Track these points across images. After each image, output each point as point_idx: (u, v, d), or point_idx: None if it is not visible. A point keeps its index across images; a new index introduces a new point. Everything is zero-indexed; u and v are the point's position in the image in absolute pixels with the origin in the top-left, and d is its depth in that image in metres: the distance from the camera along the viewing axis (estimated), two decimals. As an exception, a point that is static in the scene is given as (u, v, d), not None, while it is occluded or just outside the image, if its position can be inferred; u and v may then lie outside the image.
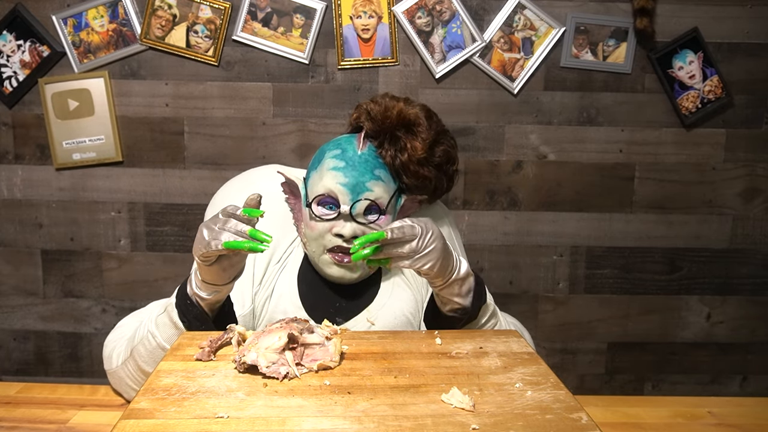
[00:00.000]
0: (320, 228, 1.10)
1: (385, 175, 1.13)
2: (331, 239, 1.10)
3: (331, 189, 1.09)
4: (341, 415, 0.70)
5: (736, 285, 1.83)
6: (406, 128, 1.13)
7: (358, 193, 1.09)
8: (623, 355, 1.85)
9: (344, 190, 1.09)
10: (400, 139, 1.12)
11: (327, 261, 1.12)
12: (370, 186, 1.10)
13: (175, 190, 1.77)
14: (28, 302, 1.81)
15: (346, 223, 1.09)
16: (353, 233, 1.08)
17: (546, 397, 0.76)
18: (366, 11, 1.68)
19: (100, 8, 1.68)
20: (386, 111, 1.15)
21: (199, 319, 1.00)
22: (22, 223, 1.78)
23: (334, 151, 1.13)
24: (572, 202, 1.79)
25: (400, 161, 1.12)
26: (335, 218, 1.09)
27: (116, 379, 1.11)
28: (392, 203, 1.14)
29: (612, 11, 1.71)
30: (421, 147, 1.12)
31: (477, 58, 1.71)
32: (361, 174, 1.10)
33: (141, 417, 0.69)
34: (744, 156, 1.78)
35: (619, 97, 1.75)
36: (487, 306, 1.06)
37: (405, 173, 1.13)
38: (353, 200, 1.09)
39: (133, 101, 1.73)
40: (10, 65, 1.71)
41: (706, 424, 1.09)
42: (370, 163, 1.11)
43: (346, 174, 1.10)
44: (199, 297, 0.99)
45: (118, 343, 1.11)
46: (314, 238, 1.11)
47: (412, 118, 1.14)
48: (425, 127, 1.14)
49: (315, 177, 1.13)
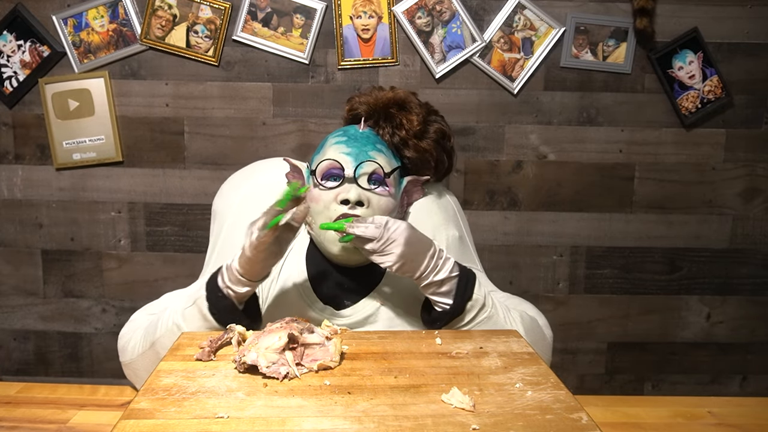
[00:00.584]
0: (325, 197, 1.11)
1: (387, 150, 1.17)
2: (336, 208, 1.10)
3: (335, 158, 1.12)
4: (341, 415, 0.70)
5: (736, 285, 1.83)
6: (399, 106, 1.20)
7: (361, 160, 1.12)
8: (623, 355, 1.86)
9: (348, 159, 1.12)
10: (395, 116, 1.19)
11: (333, 238, 1.12)
12: (373, 155, 1.14)
13: (175, 190, 1.77)
14: (28, 302, 1.81)
15: (351, 186, 1.10)
16: (358, 198, 1.09)
17: (546, 397, 0.76)
18: (366, 11, 1.68)
19: (100, 8, 1.68)
20: (377, 94, 1.22)
21: (230, 311, 1.02)
22: (22, 223, 1.78)
23: (336, 133, 1.18)
24: (572, 202, 1.79)
25: (399, 137, 1.18)
26: (340, 184, 1.11)
27: (131, 371, 1.13)
28: (395, 176, 1.17)
29: (612, 11, 1.71)
30: (417, 120, 1.18)
31: (477, 58, 1.71)
32: (363, 145, 1.14)
33: (141, 417, 0.69)
34: (744, 156, 1.78)
35: (619, 97, 1.75)
36: (474, 302, 1.06)
37: (405, 147, 1.19)
38: (356, 163, 1.11)
39: (133, 101, 1.73)
40: (11, 65, 1.71)
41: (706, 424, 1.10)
42: (371, 138, 1.17)
43: (349, 145, 1.14)
44: (232, 291, 1.01)
45: (134, 335, 1.12)
46: (320, 210, 1.12)
47: (402, 97, 1.21)
48: (416, 104, 1.21)
49: (318, 156, 1.17)
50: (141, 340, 1.10)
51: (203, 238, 1.76)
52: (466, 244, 1.27)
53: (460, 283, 1.05)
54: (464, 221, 1.32)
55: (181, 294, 1.17)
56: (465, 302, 1.05)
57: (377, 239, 1.02)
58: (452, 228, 1.25)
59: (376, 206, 1.11)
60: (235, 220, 1.23)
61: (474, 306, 1.06)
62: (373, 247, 1.02)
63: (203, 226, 1.77)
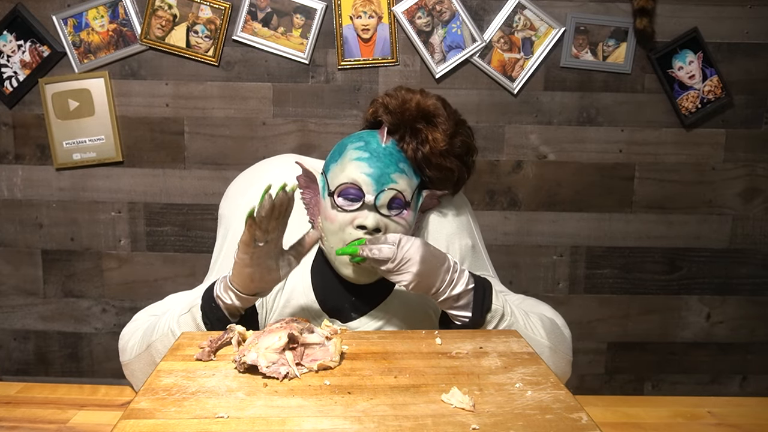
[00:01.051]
0: (341, 219, 1.07)
1: (408, 169, 1.10)
2: (351, 232, 1.06)
3: (355, 179, 1.06)
4: (341, 415, 0.70)
5: (735, 285, 1.83)
6: (426, 120, 1.11)
7: (383, 183, 1.06)
8: (623, 355, 1.85)
9: (369, 180, 1.06)
10: (421, 131, 1.10)
11: (345, 260, 1.09)
12: (395, 178, 1.07)
13: (175, 190, 1.77)
14: (28, 302, 1.81)
15: (369, 213, 1.06)
16: (376, 225, 1.05)
17: (546, 397, 0.76)
18: (366, 11, 1.68)
19: (100, 8, 1.68)
20: (404, 103, 1.12)
21: (222, 322, 1.00)
22: (23, 223, 1.78)
23: (357, 143, 1.10)
24: (572, 202, 1.79)
25: (423, 154, 1.10)
26: (358, 209, 1.06)
27: (129, 372, 1.12)
28: (414, 198, 1.12)
29: (612, 11, 1.71)
30: (442, 138, 1.10)
31: (477, 58, 1.71)
32: (386, 165, 1.07)
33: (141, 417, 0.69)
34: (744, 156, 1.78)
35: (619, 97, 1.75)
36: (494, 312, 1.05)
37: (428, 166, 1.11)
38: (378, 190, 1.06)
39: (133, 101, 1.73)
40: (11, 65, 1.71)
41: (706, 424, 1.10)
42: (394, 155, 1.09)
43: (371, 164, 1.07)
44: (222, 301, 1.00)
45: (134, 335, 1.11)
46: (334, 231, 1.08)
47: (431, 109, 1.12)
48: (445, 118, 1.12)
49: (336, 168, 1.10)
50: (139, 341, 1.09)
51: (203, 238, 1.76)
52: (478, 251, 1.23)
53: (476, 295, 1.03)
54: (476, 226, 1.27)
55: (183, 297, 1.17)
56: (484, 314, 1.03)
57: (392, 260, 1.00)
58: (465, 237, 1.21)
59: (393, 231, 1.08)
60: (239, 226, 1.20)
61: (494, 317, 1.04)
62: (388, 267, 1.00)
63: (203, 226, 1.77)
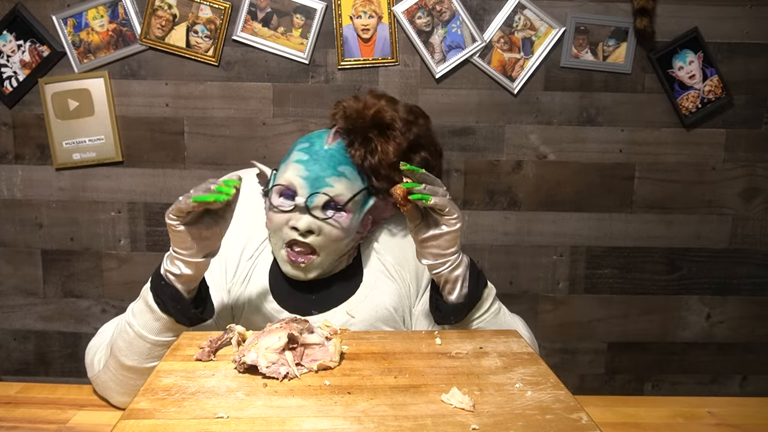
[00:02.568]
0: (277, 220, 1.09)
1: (351, 172, 1.10)
2: (287, 232, 1.09)
3: (291, 181, 1.09)
4: (341, 415, 0.70)
5: (736, 285, 1.83)
6: (380, 130, 1.11)
7: (316, 187, 1.08)
8: (623, 355, 1.86)
9: (303, 183, 1.08)
10: (372, 140, 1.10)
11: (283, 257, 1.11)
12: (330, 182, 1.08)
13: (175, 190, 1.77)
14: (28, 302, 1.81)
15: (302, 216, 1.07)
16: (308, 227, 1.07)
17: (546, 397, 0.76)
18: (366, 11, 1.68)
19: (100, 8, 1.68)
20: (363, 109, 1.12)
21: (175, 299, 0.97)
22: (22, 223, 1.78)
23: (303, 144, 1.12)
24: (572, 202, 1.79)
25: (370, 163, 1.10)
26: (291, 210, 1.08)
27: (99, 384, 1.09)
28: (356, 201, 1.11)
29: (612, 11, 1.71)
30: (393, 151, 1.09)
31: (477, 58, 1.71)
32: (322, 168, 1.08)
33: (141, 417, 0.69)
34: (744, 156, 1.78)
35: (619, 97, 1.75)
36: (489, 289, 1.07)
37: (375, 176, 1.11)
38: (309, 193, 1.08)
39: (133, 101, 1.73)
40: (10, 65, 1.71)
41: (706, 424, 1.10)
42: (335, 158, 1.09)
43: (308, 167, 1.08)
44: (171, 273, 0.97)
45: (99, 348, 1.09)
46: (273, 230, 1.11)
47: (387, 120, 1.11)
48: (400, 132, 1.11)
49: (282, 169, 1.13)
50: (105, 350, 1.07)
51: (203, 238, 1.76)
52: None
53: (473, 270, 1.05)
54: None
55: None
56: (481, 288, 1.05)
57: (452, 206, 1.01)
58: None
59: (328, 235, 1.09)
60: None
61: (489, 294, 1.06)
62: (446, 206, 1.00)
63: (203, 226, 1.77)
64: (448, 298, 1.04)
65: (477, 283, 1.04)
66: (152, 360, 1.00)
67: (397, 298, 1.17)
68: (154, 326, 0.98)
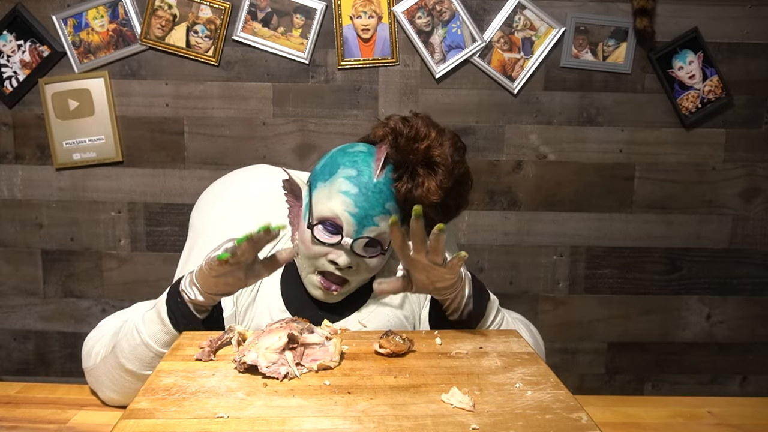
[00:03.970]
0: (316, 250, 1.07)
1: (394, 208, 1.07)
2: (324, 263, 1.07)
3: (338, 215, 1.05)
4: (341, 415, 0.70)
5: (736, 285, 1.83)
6: (428, 166, 1.07)
7: (364, 226, 1.05)
8: (623, 355, 1.86)
9: (351, 221, 1.04)
10: (420, 176, 1.06)
11: (314, 283, 1.09)
12: (378, 221, 1.05)
13: (175, 190, 1.77)
14: (28, 302, 1.81)
15: (343, 253, 1.05)
16: (348, 265, 1.05)
17: (546, 397, 0.76)
18: (366, 11, 1.68)
19: (100, 8, 1.68)
20: (415, 140, 1.07)
21: (187, 318, 0.97)
22: (22, 223, 1.78)
23: (349, 170, 1.06)
24: (572, 202, 1.79)
25: (413, 197, 1.06)
26: (334, 245, 1.06)
27: (93, 378, 1.09)
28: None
29: (612, 11, 1.71)
30: (436, 190, 1.06)
31: (477, 58, 1.71)
32: (372, 207, 1.05)
33: (141, 417, 0.69)
34: (744, 156, 1.78)
35: (619, 97, 1.75)
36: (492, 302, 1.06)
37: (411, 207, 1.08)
38: (357, 234, 1.05)
39: (133, 101, 1.73)
40: (11, 65, 1.71)
41: (706, 424, 1.09)
42: (383, 194, 1.06)
43: (357, 203, 1.04)
44: (186, 295, 0.97)
45: (99, 341, 1.09)
46: (308, 256, 1.09)
47: (438, 159, 1.06)
48: (447, 171, 1.07)
49: (323, 192, 1.07)
50: (106, 345, 1.07)
51: (203, 238, 1.76)
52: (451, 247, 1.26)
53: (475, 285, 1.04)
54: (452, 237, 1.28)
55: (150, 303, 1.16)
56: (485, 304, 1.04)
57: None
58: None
59: (364, 269, 1.08)
60: (207, 240, 1.19)
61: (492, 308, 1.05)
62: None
63: (203, 226, 1.77)
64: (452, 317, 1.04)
65: (480, 299, 1.03)
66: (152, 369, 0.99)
67: (408, 306, 1.17)
68: (163, 339, 0.98)
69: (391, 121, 1.11)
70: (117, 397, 1.06)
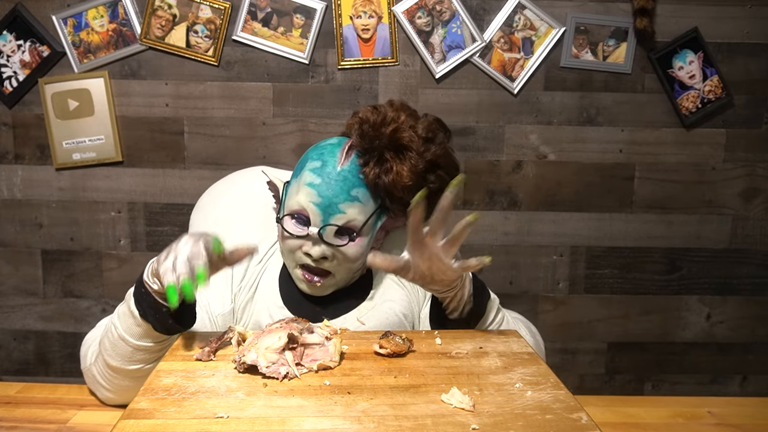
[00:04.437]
0: (290, 244, 1.08)
1: (364, 194, 1.07)
2: (301, 256, 1.08)
3: (304, 207, 1.06)
4: (341, 415, 0.70)
5: (736, 285, 1.83)
6: (396, 150, 1.06)
7: (329, 215, 1.06)
8: (623, 355, 1.85)
9: (316, 210, 1.05)
10: (387, 160, 1.06)
11: (299, 277, 1.10)
12: (343, 208, 1.06)
13: (175, 190, 1.77)
14: (28, 302, 1.81)
15: (314, 245, 1.07)
16: (322, 255, 1.07)
17: (546, 397, 0.76)
18: (366, 11, 1.68)
19: (100, 8, 1.68)
20: (381, 125, 1.07)
21: (153, 308, 0.94)
22: (22, 223, 1.78)
23: (315, 162, 1.08)
24: (572, 202, 1.79)
25: (384, 184, 1.06)
26: (305, 237, 1.07)
27: (89, 378, 1.09)
28: (369, 224, 1.10)
29: (612, 11, 1.71)
30: (408, 173, 1.05)
31: (477, 58, 1.71)
32: (335, 194, 1.05)
33: (141, 417, 0.69)
34: (744, 156, 1.78)
35: (619, 97, 1.75)
36: (492, 302, 1.06)
37: (389, 197, 1.08)
38: (324, 222, 1.06)
39: (133, 101, 1.73)
40: (10, 65, 1.71)
41: (706, 424, 1.10)
42: (348, 181, 1.06)
43: (320, 193, 1.05)
44: (149, 286, 0.94)
45: (95, 341, 1.09)
46: (286, 253, 1.10)
47: (405, 142, 1.06)
48: (417, 153, 1.06)
49: (293, 187, 1.10)
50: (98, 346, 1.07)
51: (203, 238, 1.76)
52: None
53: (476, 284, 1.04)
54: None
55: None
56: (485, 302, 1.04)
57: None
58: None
59: (342, 259, 1.08)
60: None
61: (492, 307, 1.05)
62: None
63: (203, 226, 1.77)
64: (452, 316, 1.04)
65: (481, 297, 1.03)
66: (135, 363, 0.99)
67: (407, 304, 1.17)
68: (136, 331, 0.97)
69: (361, 111, 1.12)
70: (112, 396, 1.06)
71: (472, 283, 1.03)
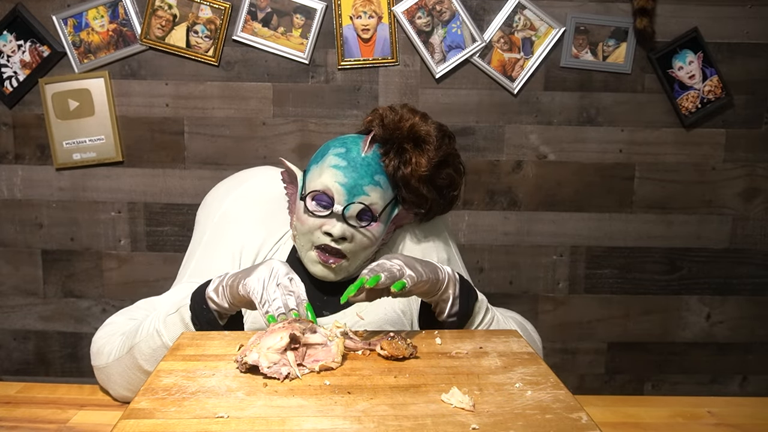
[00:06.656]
0: (311, 223, 1.10)
1: (385, 181, 1.12)
2: (319, 236, 1.10)
3: (328, 186, 1.09)
4: (341, 415, 0.70)
5: (736, 285, 1.83)
6: (415, 142, 1.13)
7: (354, 195, 1.09)
8: (623, 355, 1.86)
9: (341, 190, 1.09)
10: (407, 151, 1.12)
11: (313, 258, 1.12)
12: (368, 190, 1.10)
13: (175, 190, 1.77)
14: (28, 302, 1.81)
15: (337, 222, 1.09)
16: (342, 234, 1.09)
17: (546, 397, 0.76)
18: (366, 11, 1.68)
19: (100, 8, 1.68)
20: (400, 121, 1.14)
21: (210, 324, 1.01)
22: (22, 223, 1.78)
23: (339, 149, 1.12)
24: (572, 202, 1.79)
25: (402, 174, 1.12)
26: (327, 216, 1.09)
27: (105, 376, 1.10)
28: (387, 211, 1.14)
29: (612, 11, 1.71)
30: (426, 164, 1.11)
31: (477, 58, 1.71)
32: (360, 177, 1.10)
33: (141, 417, 0.69)
34: (744, 156, 1.78)
35: (619, 97, 1.75)
36: (480, 302, 1.06)
37: (405, 187, 1.13)
38: (348, 201, 1.09)
39: (133, 101, 1.73)
40: (11, 65, 1.71)
41: (706, 424, 1.10)
42: (371, 167, 1.11)
43: (346, 174, 1.10)
44: (213, 301, 1.00)
45: (110, 340, 1.10)
46: (304, 232, 1.12)
47: (423, 135, 1.13)
48: (434, 146, 1.13)
49: (315, 171, 1.13)
50: (119, 344, 1.08)
51: (203, 238, 1.76)
52: (455, 263, 1.27)
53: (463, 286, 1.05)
54: (452, 237, 1.30)
55: (157, 300, 1.17)
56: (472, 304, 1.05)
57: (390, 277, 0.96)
58: (441, 251, 1.24)
59: (360, 243, 1.11)
60: (213, 237, 1.23)
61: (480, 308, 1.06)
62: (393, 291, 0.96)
63: (203, 226, 1.77)
64: (440, 318, 1.05)
65: (468, 300, 1.04)
66: None
67: (405, 301, 1.18)
68: None
69: (379, 108, 1.19)
70: (128, 395, 1.09)
71: (459, 285, 1.03)
